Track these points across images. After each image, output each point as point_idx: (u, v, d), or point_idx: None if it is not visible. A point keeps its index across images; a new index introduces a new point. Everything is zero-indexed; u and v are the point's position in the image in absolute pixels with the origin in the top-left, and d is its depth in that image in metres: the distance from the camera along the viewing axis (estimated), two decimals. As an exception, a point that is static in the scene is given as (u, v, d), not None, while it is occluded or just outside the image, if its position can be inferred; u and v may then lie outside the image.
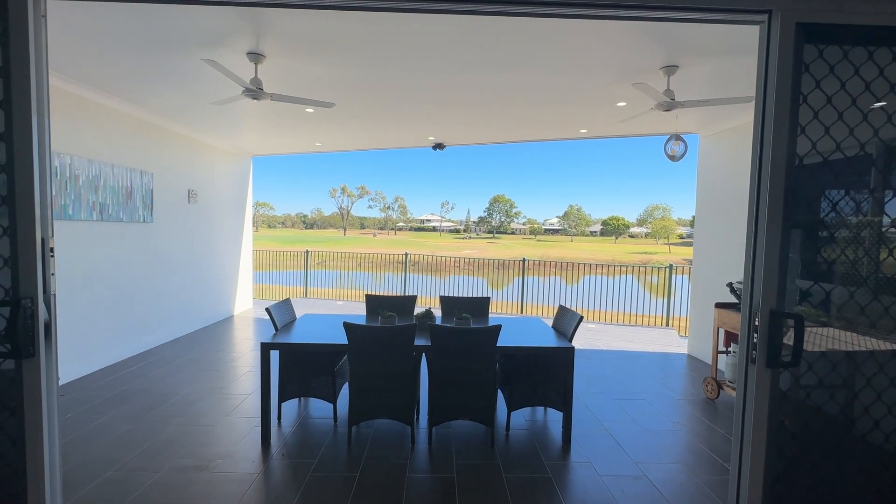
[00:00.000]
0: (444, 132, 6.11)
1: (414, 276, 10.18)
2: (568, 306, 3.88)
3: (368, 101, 4.61)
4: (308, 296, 10.40)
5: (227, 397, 3.97)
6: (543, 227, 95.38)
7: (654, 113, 4.75)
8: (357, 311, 8.23)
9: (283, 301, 3.82)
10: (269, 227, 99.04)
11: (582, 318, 3.42)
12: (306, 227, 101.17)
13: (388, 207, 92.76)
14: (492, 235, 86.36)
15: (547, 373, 3.42)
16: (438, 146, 6.75)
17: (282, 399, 3.50)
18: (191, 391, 4.10)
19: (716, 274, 5.26)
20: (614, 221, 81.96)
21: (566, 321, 3.65)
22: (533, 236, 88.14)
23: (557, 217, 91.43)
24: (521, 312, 8.46)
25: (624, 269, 8.56)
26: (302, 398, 3.86)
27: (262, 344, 3.15)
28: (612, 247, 66.87)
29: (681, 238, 74.95)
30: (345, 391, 4.00)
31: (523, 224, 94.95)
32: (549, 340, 3.38)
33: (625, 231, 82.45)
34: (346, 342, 3.03)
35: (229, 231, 7.46)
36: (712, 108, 4.74)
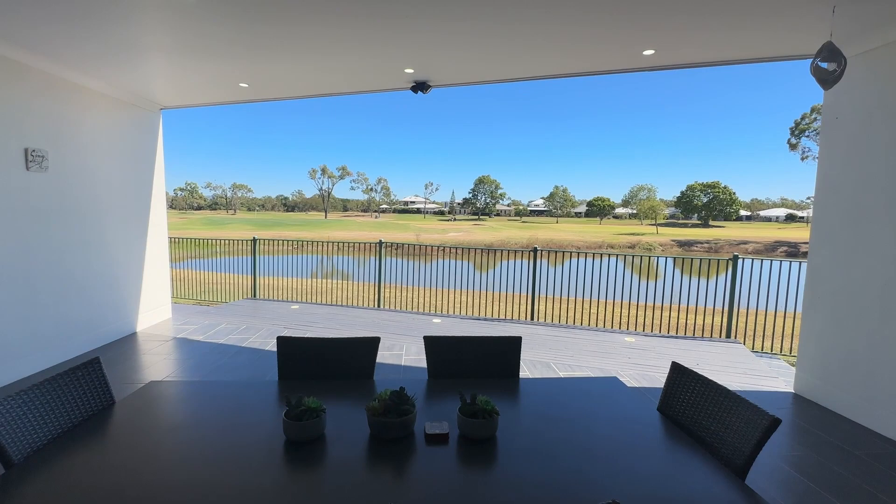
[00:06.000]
0: (428, 61, 3.95)
1: (393, 260, 8.03)
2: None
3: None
4: (258, 295, 8.22)
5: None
6: (528, 209, 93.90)
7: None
8: (312, 321, 6.07)
9: (57, 378, 1.69)
10: (249, 209, 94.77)
11: (778, 422, 1.40)
12: (287, 210, 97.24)
13: (371, 189, 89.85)
14: (477, 217, 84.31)
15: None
16: (420, 86, 4.58)
17: None
18: None
19: (862, 278, 3.31)
20: (599, 202, 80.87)
21: (712, 413, 1.62)
22: (518, 218, 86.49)
23: (542, 198, 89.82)
24: (533, 318, 6.47)
25: (673, 258, 6.63)
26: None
27: None
28: (598, 228, 65.53)
29: (666, 219, 73.82)
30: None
31: (508, 205, 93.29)
32: (701, 484, 1.36)
33: (609, 212, 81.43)
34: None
35: (123, 212, 5.22)
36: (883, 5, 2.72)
